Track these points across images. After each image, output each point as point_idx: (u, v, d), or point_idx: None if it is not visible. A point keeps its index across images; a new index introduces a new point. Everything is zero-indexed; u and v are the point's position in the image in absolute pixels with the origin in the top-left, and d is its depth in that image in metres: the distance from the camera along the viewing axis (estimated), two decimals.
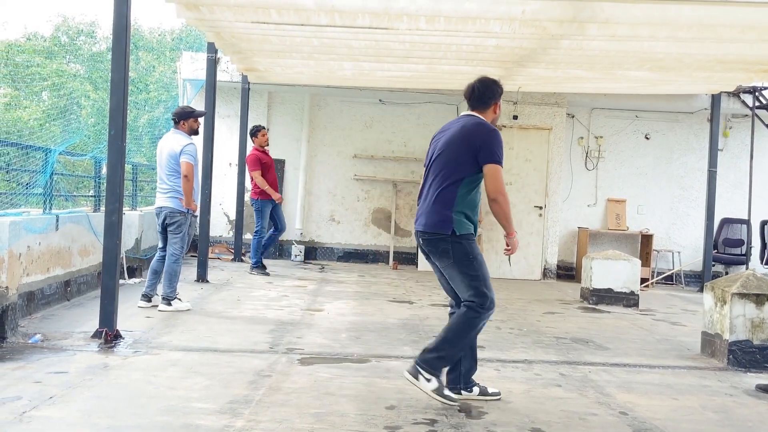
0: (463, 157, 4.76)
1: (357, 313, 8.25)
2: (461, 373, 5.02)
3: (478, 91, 4.95)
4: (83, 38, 34.81)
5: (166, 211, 7.82)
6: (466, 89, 5.00)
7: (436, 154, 4.90)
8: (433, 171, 4.88)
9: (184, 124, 8.01)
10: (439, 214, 4.77)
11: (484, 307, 4.78)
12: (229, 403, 4.59)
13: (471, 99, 4.99)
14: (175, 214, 7.82)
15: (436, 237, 4.78)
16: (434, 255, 4.86)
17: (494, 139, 4.76)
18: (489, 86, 4.98)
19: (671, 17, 7.23)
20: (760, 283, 6.58)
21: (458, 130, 4.86)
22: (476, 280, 4.77)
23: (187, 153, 7.80)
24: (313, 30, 8.15)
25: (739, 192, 13.56)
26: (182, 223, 7.84)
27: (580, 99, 13.14)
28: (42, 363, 5.36)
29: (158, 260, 8.00)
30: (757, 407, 5.25)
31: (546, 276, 12.94)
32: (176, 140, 7.89)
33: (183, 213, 7.83)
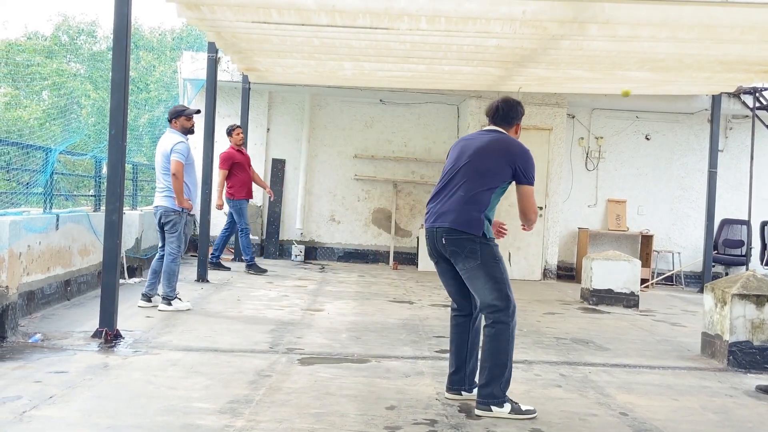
0: (499, 167, 4.77)
1: (357, 313, 8.25)
2: (466, 374, 5.01)
3: (502, 111, 5.04)
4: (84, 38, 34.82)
5: (161, 210, 7.83)
6: (489, 108, 5.10)
7: (467, 159, 4.87)
8: (463, 174, 4.83)
9: (176, 123, 7.98)
10: (471, 215, 4.72)
11: (509, 313, 4.77)
12: (229, 403, 4.59)
13: (495, 117, 5.07)
14: (169, 213, 7.81)
15: (465, 237, 4.73)
16: (458, 255, 4.76)
17: (530, 160, 4.84)
18: (513, 107, 5.07)
19: (672, 18, 7.22)
20: (761, 284, 6.58)
21: (493, 141, 4.89)
22: (501, 283, 4.75)
23: (176, 151, 7.75)
24: (314, 30, 8.14)
25: (740, 193, 13.57)
26: (177, 222, 7.83)
27: (580, 99, 13.14)
28: (42, 362, 5.36)
29: (158, 260, 8.01)
30: (757, 408, 5.25)
31: (546, 276, 12.94)
32: (169, 139, 7.90)
33: (177, 212, 7.81)
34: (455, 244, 4.74)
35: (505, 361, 4.68)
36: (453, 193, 4.83)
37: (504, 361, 4.68)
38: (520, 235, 12.86)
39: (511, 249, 12.90)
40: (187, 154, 7.84)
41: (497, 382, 4.65)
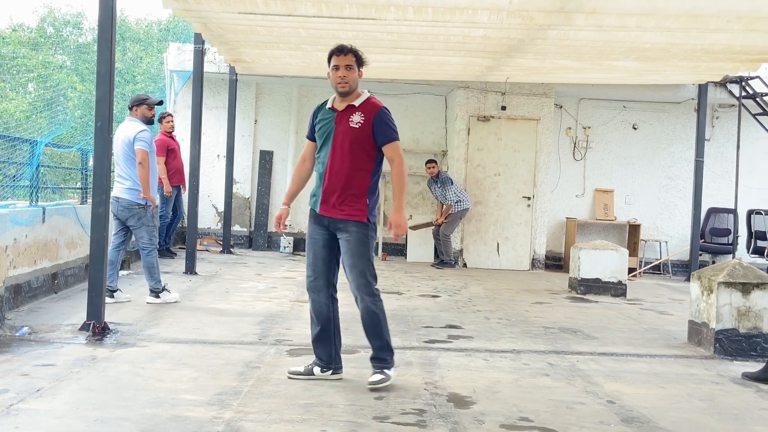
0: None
1: (346, 304, 8.18)
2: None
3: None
4: (69, 29, 34.63)
5: (124, 203, 7.48)
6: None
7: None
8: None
9: (137, 111, 7.71)
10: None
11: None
12: (217, 395, 4.59)
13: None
14: (133, 207, 7.51)
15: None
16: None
17: None
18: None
19: (658, 7, 7.24)
20: (747, 272, 6.62)
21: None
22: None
23: (141, 140, 7.50)
24: (300, 21, 8.13)
25: (726, 182, 13.63)
26: (142, 216, 7.56)
27: (567, 89, 13.16)
28: (29, 356, 5.35)
29: (113, 249, 7.63)
30: (743, 395, 5.29)
31: (534, 266, 12.98)
32: (131, 127, 7.61)
33: (141, 206, 7.54)
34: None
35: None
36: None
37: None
38: (508, 226, 12.91)
39: (500, 239, 12.93)
40: (150, 143, 7.68)
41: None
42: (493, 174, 12.95)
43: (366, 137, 4.94)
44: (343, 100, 5.03)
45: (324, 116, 5.08)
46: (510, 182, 12.96)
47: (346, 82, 4.97)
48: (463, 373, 5.48)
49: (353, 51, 5.06)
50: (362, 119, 4.94)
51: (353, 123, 4.94)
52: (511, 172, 12.96)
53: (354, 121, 4.94)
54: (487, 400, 4.80)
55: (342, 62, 5.00)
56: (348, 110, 5.00)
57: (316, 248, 5.07)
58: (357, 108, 4.99)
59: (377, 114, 4.97)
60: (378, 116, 4.96)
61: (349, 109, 5.00)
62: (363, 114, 4.96)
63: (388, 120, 5.02)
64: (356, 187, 4.95)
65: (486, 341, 6.64)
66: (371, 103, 5.04)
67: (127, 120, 7.75)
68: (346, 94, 5.01)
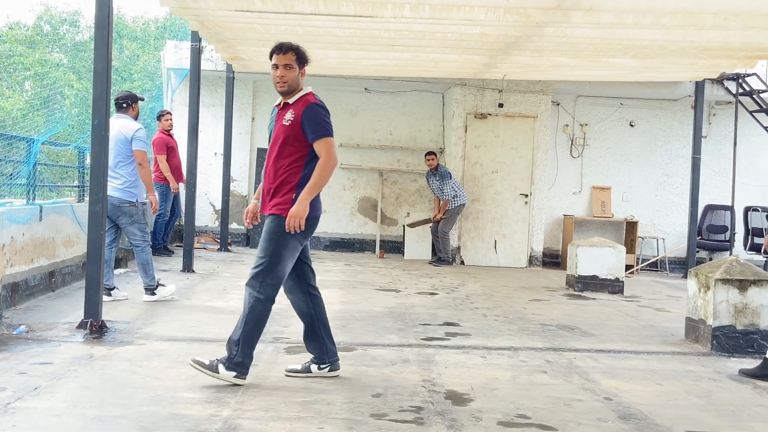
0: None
1: (344, 302, 8.25)
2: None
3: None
4: (66, 27, 34.56)
5: (114, 201, 7.28)
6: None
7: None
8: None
9: (134, 108, 7.68)
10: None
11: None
12: (215, 393, 4.59)
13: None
14: (124, 204, 7.42)
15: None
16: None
17: None
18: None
19: (656, 4, 7.25)
20: (743, 269, 6.62)
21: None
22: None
23: (139, 139, 7.44)
24: (298, 18, 8.12)
25: (723, 179, 13.64)
26: (134, 213, 7.49)
27: (565, 87, 13.16)
28: (27, 354, 5.34)
29: (106, 248, 7.25)
30: (740, 392, 5.30)
31: (532, 263, 12.99)
32: (124, 125, 7.49)
33: (133, 203, 7.48)
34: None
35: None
36: None
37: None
38: (505, 222, 12.92)
39: (497, 237, 12.94)
40: (148, 142, 7.62)
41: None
42: (490, 171, 12.95)
43: (296, 134, 4.83)
44: (284, 99, 4.97)
45: (272, 116, 5.08)
46: (507, 179, 12.97)
47: (285, 81, 4.89)
48: (461, 370, 5.49)
49: (294, 49, 4.95)
50: (293, 116, 4.84)
51: (285, 120, 4.87)
52: (508, 169, 12.97)
53: (286, 119, 4.87)
54: (484, 397, 4.80)
55: (281, 61, 4.90)
56: (284, 108, 4.95)
57: None
58: (290, 105, 4.91)
59: (305, 110, 4.84)
60: (306, 112, 4.83)
61: (284, 108, 4.95)
62: (294, 111, 4.86)
63: (317, 116, 4.86)
64: (287, 183, 4.86)
65: (483, 338, 6.64)
66: (303, 99, 4.93)
67: (121, 117, 7.60)
68: (285, 94, 4.93)
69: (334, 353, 5.16)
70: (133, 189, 7.52)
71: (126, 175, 7.46)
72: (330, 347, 5.15)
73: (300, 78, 4.97)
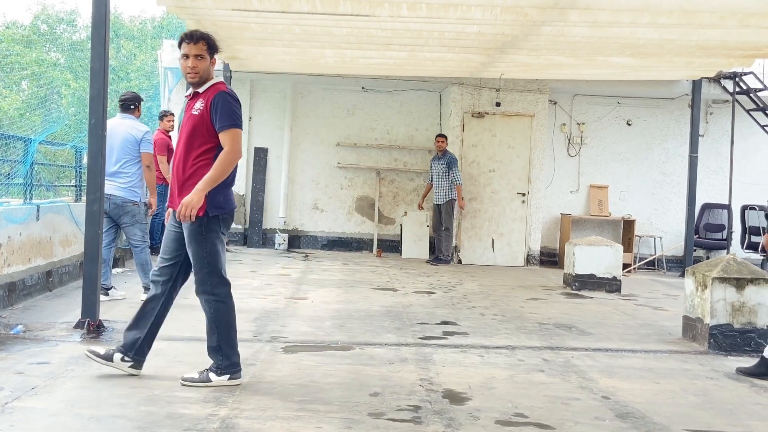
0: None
1: (341, 301, 8.25)
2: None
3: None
4: (63, 27, 34.52)
5: (118, 200, 7.36)
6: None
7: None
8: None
9: (139, 110, 7.74)
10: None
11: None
12: (213, 392, 4.59)
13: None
14: (127, 204, 7.44)
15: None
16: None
17: None
18: None
19: (652, 3, 7.26)
20: (741, 268, 6.63)
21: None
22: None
23: (148, 141, 7.51)
24: (295, 17, 8.12)
25: (720, 177, 13.65)
26: (137, 213, 7.52)
27: (562, 86, 13.17)
28: (24, 354, 5.34)
29: (105, 247, 7.38)
30: (737, 390, 5.31)
31: (529, 262, 13.00)
32: (133, 126, 7.53)
33: (136, 203, 7.51)
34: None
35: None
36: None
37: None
38: (503, 221, 12.93)
39: (495, 235, 12.95)
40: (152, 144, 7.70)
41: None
42: (487, 170, 12.96)
43: (204, 124, 4.64)
44: (194, 89, 4.78)
45: (183, 107, 4.92)
46: (505, 178, 12.97)
47: (196, 72, 4.70)
48: (459, 369, 5.49)
49: (205, 38, 4.75)
50: (202, 105, 4.65)
51: (194, 110, 4.68)
52: (505, 168, 12.97)
53: (195, 108, 4.69)
54: (482, 396, 4.81)
55: (192, 51, 4.69)
56: (194, 98, 4.76)
57: (165, 239, 4.91)
58: (201, 94, 4.72)
59: (215, 98, 4.64)
60: (215, 100, 4.64)
61: (194, 97, 4.76)
62: (204, 100, 4.67)
63: (226, 105, 4.65)
64: (196, 176, 4.63)
65: (481, 337, 6.65)
66: (214, 87, 4.73)
67: (126, 118, 7.62)
68: (197, 85, 4.74)
69: (143, 351, 4.93)
70: (137, 189, 7.56)
71: (131, 175, 7.49)
72: (144, 349, 4.94)
73: (211, 68, 4.78)
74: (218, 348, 4.78)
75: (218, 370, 4.76)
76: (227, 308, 4.86)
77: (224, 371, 4.75)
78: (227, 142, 4.63)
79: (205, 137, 4.67)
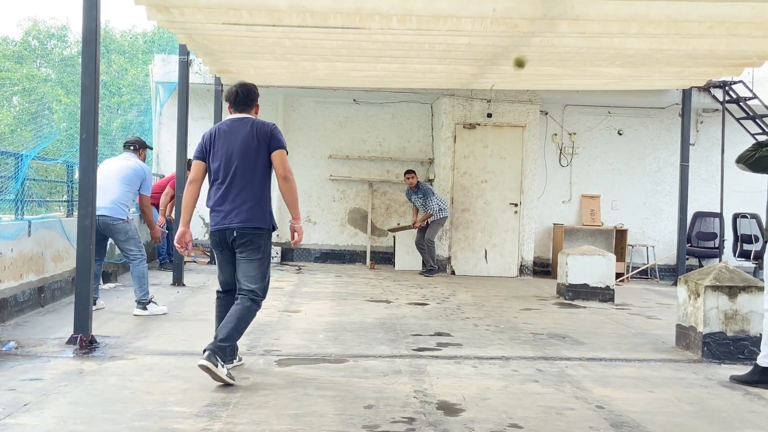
0: (267, 156, 5.34)
1: (334, 314, 8.24)
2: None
3: (242, 95, 5.55)
4: (54, 42, 34.52)
5: (108, 220, 7.60)
6: (229, 93, 5.59)
7: (238, 157, 5.32)
8: (242, 173, 5.31)
9: (141, 154, 8.16)
10: (260, 210, 5.33)
11: (262, 300, 5.42)
12: (206, 406, 4.57)
13: (237, 103, 5.56)
14: (117, 222, 7.68)
15: (255, 230, 5.29)
16: (248, 246, 5.29)
17: (279, 130, 5.53)
18: (251, 90, 5.62)
19: (641, 13, 7.30)
20: (733, 276, 6.65)
21: (253, 129, 5.40)
22: (267, 277, 5.42)
23: (149, 185, 8.01)
24: (285, 30, 8.13)
25: (711, 186, 13.71)
26: (128, 229, 7.74)
27: (553, 96, 13.22)
28: (16, 370, 5.31)
29: (96, 263, 7.68)
30: (731, 398, 5.31)
31: (522, 273, 13.00)
32: (139, 164, 7.98)
33: (123, 219, 7.71)
34: (245, 237, 5.28)
35: (244, 329, 5.32)
36: (237, 193, 5.31)
37: (244, 329, 5.31)
38: (495, 232, 12.94)
39: (487, 246, 12.96)
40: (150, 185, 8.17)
41: (232, 341, 5.25)
42: (480, 181, 12.98)
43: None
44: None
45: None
46: (497, 189, 12.99)
47: None
48: (453, 380, 5.48)
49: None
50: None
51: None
52: (497, 179, 12.99)
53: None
54: (476, 407, 4.80)
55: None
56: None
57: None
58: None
59: None
60: None
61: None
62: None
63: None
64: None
65: (475, 348, 6.64)
66: None
67: (129, 155, 8.06)
68: None
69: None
70: (124, 207, 7.77)
71: (119, 195, 7.72)
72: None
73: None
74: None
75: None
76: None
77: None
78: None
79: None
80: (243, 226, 5.26)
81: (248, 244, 5.28)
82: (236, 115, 5.52)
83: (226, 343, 5.13)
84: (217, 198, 5.36)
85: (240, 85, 5.56)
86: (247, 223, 5.26)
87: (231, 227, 5.27)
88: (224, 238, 5.33)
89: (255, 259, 5.30)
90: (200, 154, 5.47)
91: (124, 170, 7.85)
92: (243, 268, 5.31)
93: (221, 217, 5.33)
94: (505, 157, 13.00)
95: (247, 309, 5.26)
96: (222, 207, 5.33)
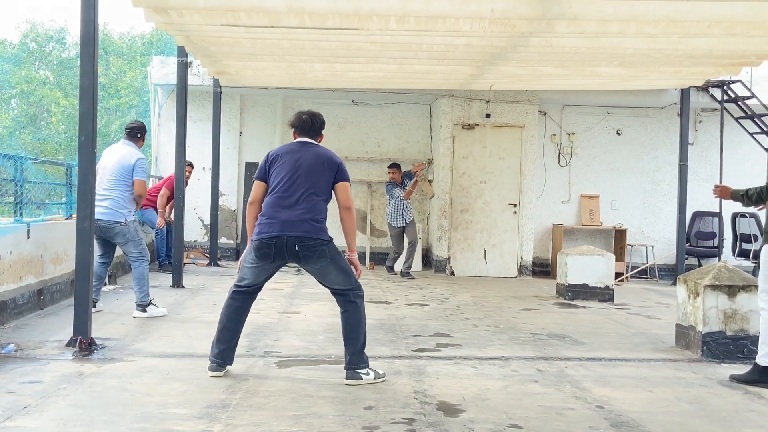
0: (330, 181, 5.54)
1: (334, 315, 8.19)
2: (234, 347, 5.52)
3: (312, 124, 5.61)
4: (52, 44, 34.49)
5: (104, 224, 7.51)
6: (299, 120, 5.61)
7: (304, 173, 5.43)
8: (303, 188, 5.40)
9: (142, 140, 8.01)
10: (318, 223, 5.47)
11: (360, 289, 5.54)
12: (206, 408, 4.57)
13: (306, 130, 5.62)
14: (115, 225, 7.58)
15: (315, 241, 5.40)
16: (311, 257, 5.40)
17: (343, 163, 5.71)
18: (320, 118, 5.71)
19: (639, 13, 7.30)
20: (732, 275, 6.65)
21: (319, 157, 5.51)
22: (348, 269, 5.56)
23: (141, 169, 7.68)
24: (284, 32, 8.13)
25: (710, 185, 13.63)
26: (126, 232, 7.63)
27: (551, 96, 13.22)
28: (15, 373, 5.31)
29: (98, 264, 7.70)
30: (731, 397, 5.31)
31: (522, 273, 13.00)
32: (129, 152, 7.71)
33: (121, 222, 7.60)
34: (307, 249, 5.37)
35: (364, 329, 5.47)
36: (296, 204, 5.39)
37: (364, 329, 5.47)
38: (495, 232, 12.94)
39: (487, 246, 12.95)
40: (147, 171, 7.92)
41: (363, 347, 5.41)
42: (479, 181, 12.98)
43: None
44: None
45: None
46: (496, 189, 12.99)
47: None
48: (452, 381, 5.48)
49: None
50: None
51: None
52: (496, 179, 12.99)
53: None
54: (476, 407, 4.80)
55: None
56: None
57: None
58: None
59: None
60: None
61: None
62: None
63: None
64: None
65: (475, 349, 6.64)
66: None
67: (125, 143, 7.85)
68: None
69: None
70: (121, 209, 7.64)
71: (116, 197, 7.60)
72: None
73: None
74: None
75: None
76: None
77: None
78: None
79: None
80: (303, 236, 5.33)
81: (312, 255, 5.36)
82: (303, 138, 5.59)
83: (357, 351, 5.35)
84: (276, 207, 5.37)
85: (311, 114, 5.63)
86: (307, 234, 5.35)
87: (292, 235, 5.31)
88: (280, 247, 5.32)
89: (325, 265, 5.43)
90: (262, 174, 5.50)
91: (114, 165, 7.63)
92: (324, 279, 5.48)
93: (278, 227, 5.33)
94: (504, 157, 13.00)
95: (356, 309, 5.43)
96: (280, 215, 5.33)
